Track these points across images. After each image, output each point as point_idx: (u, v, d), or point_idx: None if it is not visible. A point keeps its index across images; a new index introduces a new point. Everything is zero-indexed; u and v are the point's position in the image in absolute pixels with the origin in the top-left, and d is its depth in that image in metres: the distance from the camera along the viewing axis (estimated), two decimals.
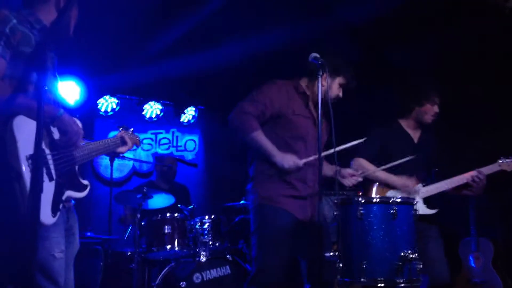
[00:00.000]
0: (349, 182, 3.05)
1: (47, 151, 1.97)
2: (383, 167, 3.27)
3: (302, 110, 3.00)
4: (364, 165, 3.42)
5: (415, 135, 3.62)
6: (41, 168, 1.74)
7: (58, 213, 1.96)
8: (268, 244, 2.84)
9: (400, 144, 3.52)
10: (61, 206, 1.99)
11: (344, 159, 3.07)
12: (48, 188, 1.92)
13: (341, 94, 3.00)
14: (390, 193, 3.45)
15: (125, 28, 4.76)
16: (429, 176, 3.52)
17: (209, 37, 4.80)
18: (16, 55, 1.95)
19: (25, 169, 1.82)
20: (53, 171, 1.97)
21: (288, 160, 2.80)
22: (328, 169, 3.04)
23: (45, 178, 1.91)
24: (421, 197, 3.37)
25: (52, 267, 1.96)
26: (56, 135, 2.06)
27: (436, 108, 3.54)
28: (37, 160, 1.63)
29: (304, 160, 2.82)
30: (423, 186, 3.43)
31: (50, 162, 1.97)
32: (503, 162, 3.37)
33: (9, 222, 1.87)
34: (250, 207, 3.00)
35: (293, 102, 2.97)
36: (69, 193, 2.06)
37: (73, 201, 2.23)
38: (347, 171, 3.09)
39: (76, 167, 2.16)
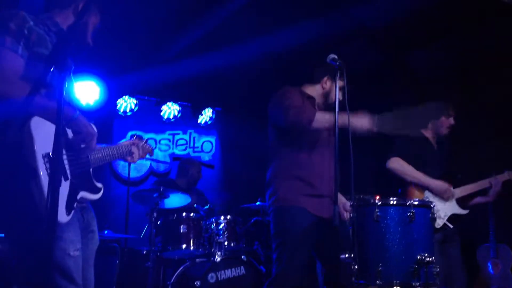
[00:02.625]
0: (344, 214, 3.02)
1: (63, 151, 1.97)
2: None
3: None
4: (403, 165, 3.55)
5: (434, 144, 3.80)
6: (60, 169, 1.73)
7: (72, 212, 1.98)
8: (292, 248, 2.84)
9: (423, 149, 3.68)
10: (75, 205, 2.01)
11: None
12: (63, 187, 1.94)
13: (341, 97, 2.99)
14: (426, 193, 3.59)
15: (144, 29, 4.82)
16: (456, 179, 3.68)
17: (227, 39, 4.82)
18: (32, 56, 1.97)
19: (41, 167, 1.84)
20: (68, 171, 1.99)
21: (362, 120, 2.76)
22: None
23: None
24: (454, 198, 3.56)
25: (68, 265, 1.96)
26: (70, 136, 2.08)
27: (451, 121, 3.72)
28: (56, 160, 1.63)
29: None
30: (453, 188, 3.60)
31: (66, 162, 1.99)
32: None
33: (26, 220, 1.87)
34: (270, 209, 3.00)
35: (306, 105, 3.02)
36: (83, 194, 2.09)
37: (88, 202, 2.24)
38: (348, 206, 3.01)
39: (91, 170, 2.18)
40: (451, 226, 3.50)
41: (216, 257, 4.07)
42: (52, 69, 1.94)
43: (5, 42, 1.89)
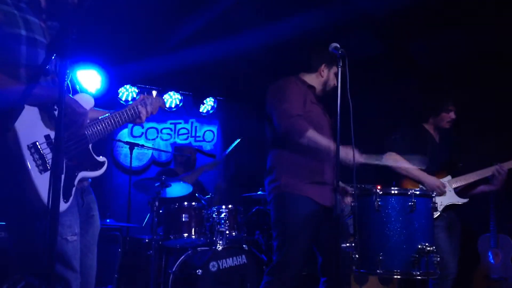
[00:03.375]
0: (346, 199, 3.02)
1: (52, 135, 1.87)
2: None
3: (316, 101, 3.07)
4: (397, 160, 3.56)
5: (436, 136, 3.82)
6: (62, 158, 1.64)
7: (71, 198, 1.91)
8: (293, 237, 2.84)
9: (425, 144, 3.71)
10: (73, 190, 1.94)
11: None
12: None
13: (336, 84, 2.97)
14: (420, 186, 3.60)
15: (146, 18, 4.79)
16: (457, 169, 3.71)
17: (229, 27, 4.79)
18: (4, 36, 1.83)
19: (28, 158, 1.78)
20: None
21: (351, 152, 2.73)
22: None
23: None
24: (452, 187, 3.59)
25: (66, 251, 1.92)
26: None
27: (452, 115, 3.73)
28: (58, 150, 1.56)
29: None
30: (452, 177, 3.63)
31: None
32: None
33: (20, 212, 1.85)
34: (271, 196, 2.97)
35: (308, 94, 3.03)
36: (83, 174, 2.01)
37: (89, 180, 2.18)
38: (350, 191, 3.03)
39: (90, 146, 2.07)
40: (445, 215, 3.52)
41: (218, 246, 4.09)
42: (53, 57, 1.76)
43: None
